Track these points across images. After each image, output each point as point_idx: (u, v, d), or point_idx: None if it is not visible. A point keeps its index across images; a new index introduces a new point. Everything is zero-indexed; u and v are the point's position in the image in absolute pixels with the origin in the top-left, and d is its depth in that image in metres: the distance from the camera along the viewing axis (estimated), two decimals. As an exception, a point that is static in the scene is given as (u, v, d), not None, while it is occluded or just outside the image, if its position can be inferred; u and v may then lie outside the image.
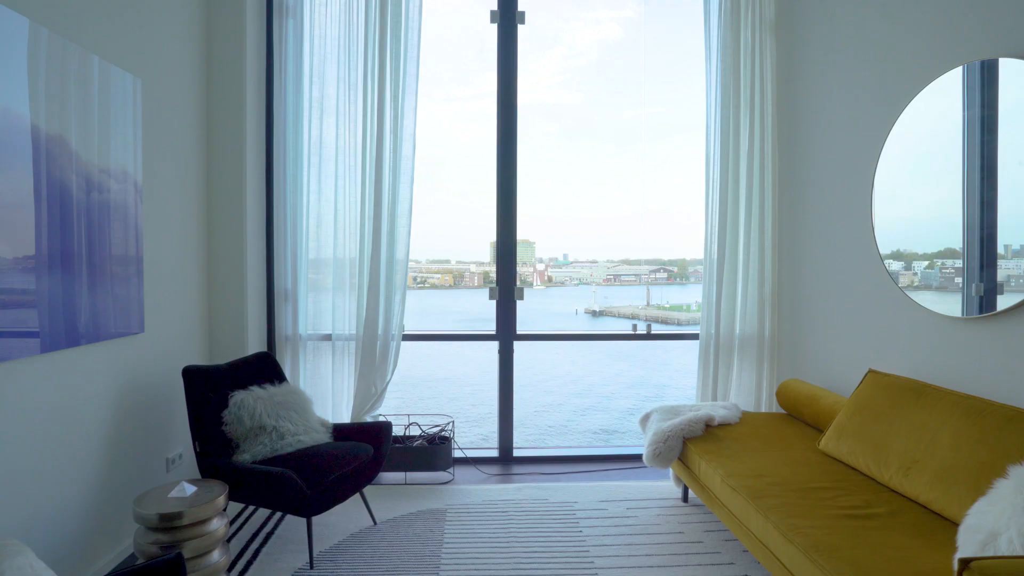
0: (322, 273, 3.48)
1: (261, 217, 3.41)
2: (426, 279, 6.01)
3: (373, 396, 3.38)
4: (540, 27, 3.82)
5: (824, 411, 2.70)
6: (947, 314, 2.30)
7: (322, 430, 2.85)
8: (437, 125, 4.45)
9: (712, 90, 3.56)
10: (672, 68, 3.75)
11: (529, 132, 5.20)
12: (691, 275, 6.50)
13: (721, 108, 3.52)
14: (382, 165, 3.34)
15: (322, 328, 3.51)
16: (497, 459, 3.69)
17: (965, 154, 2.20)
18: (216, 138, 3.18)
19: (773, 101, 3.55)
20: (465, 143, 5.40)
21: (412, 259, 4.54)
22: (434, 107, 3.96)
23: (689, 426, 2.72)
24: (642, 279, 7.31)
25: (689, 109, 3.16)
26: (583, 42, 7.39)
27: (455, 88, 5.71)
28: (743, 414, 3.02)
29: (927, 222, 2.38)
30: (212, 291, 3.22)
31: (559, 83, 7.39)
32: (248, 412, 2.63)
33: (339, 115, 3.43)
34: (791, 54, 3.50)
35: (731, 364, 3.61)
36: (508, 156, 3.64)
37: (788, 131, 3.53)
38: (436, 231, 6.39)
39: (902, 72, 2.59)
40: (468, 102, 4.85)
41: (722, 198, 3.53)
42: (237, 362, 2.88)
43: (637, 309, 8.95)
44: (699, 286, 3.65)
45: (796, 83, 3.46)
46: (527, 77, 4.04)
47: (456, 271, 6.23)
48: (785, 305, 3.56)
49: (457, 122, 5.94)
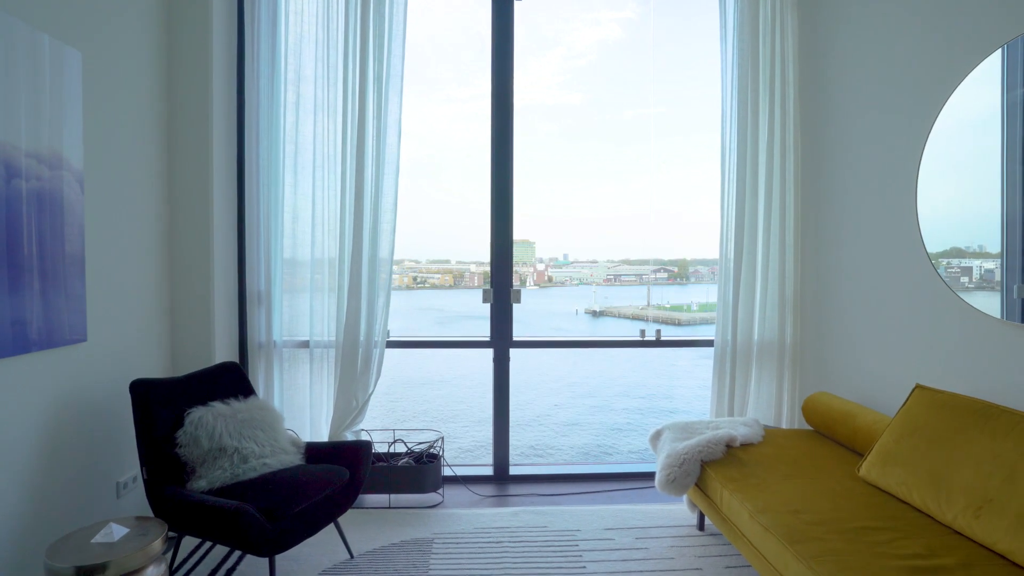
0: (299, 273, 3.16)
1: (231, 211, 3.09)
2: (426, 279, 5.80)
3: (354, 410, 3.06)
4: (540, 28, 3.56)
5: (862, 431, 2.37)
6: (1014, 321, 1.98)
7: (293, 451, 2.52)
8: (437, 125, 4.24)
9: (728, 72, 3.23)
10: (674, 69, 3.60)
11: (529, 133, 4.98)
12: (691, 275, 6.28)
13: (738, 92, 3.20)
14: (364, 155, 3.02)
15: (299, 334, 3.18)
16: (491, 478, 3.37)
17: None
18: (178, 124, 2.86)
19: (795, 84, 3.22)
20: (466, 143, 5.26)
21: (412, 259, 4.16)
22: (435, 108, 3.71)
23: (708, 448, 2.39)
24: (643, 279, 7.06)
25: (692, 109, 2.94)
26: (583, 43, 7.20)
27: (456, 89, 5.55)
28: (766, 431, 2.70)
29: (988, 216, 2.06)
30: (175, 295, 2.89)
31: (559, 84, 7.20)
32: (206, 432, 2.31)
33: (317, 100, 3.11)
34: (816, 31, 3.17)
35: (749, 374, 3.28)
36: (504, 145, 3.32)
37: (812, 118, 3.20)
38: (437, 231, 6.14)
39: (952, 47, 2.27)
40: (469, 103, 4.74)
41: (739, 191, 3.21)
42: (197, 374, 2.56)
43: (638, 309, 8.64)
44: (700, 286, 3.36)
45: (821, 64, 3.13)
46: (528, 78, 3.79)
47: (456, 271, 6.01)
48: (809, 308, 3.24)
49: (458, 122, 5.75)
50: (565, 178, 4.77)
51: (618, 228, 5.07)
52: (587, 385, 10.62)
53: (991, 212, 2.03)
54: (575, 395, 10.10)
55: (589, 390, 10.37)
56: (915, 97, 2.45)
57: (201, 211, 2.88)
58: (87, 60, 2.26)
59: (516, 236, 3.35)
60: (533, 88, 4.00)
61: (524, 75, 3.34)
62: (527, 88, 3.34)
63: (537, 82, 4.13)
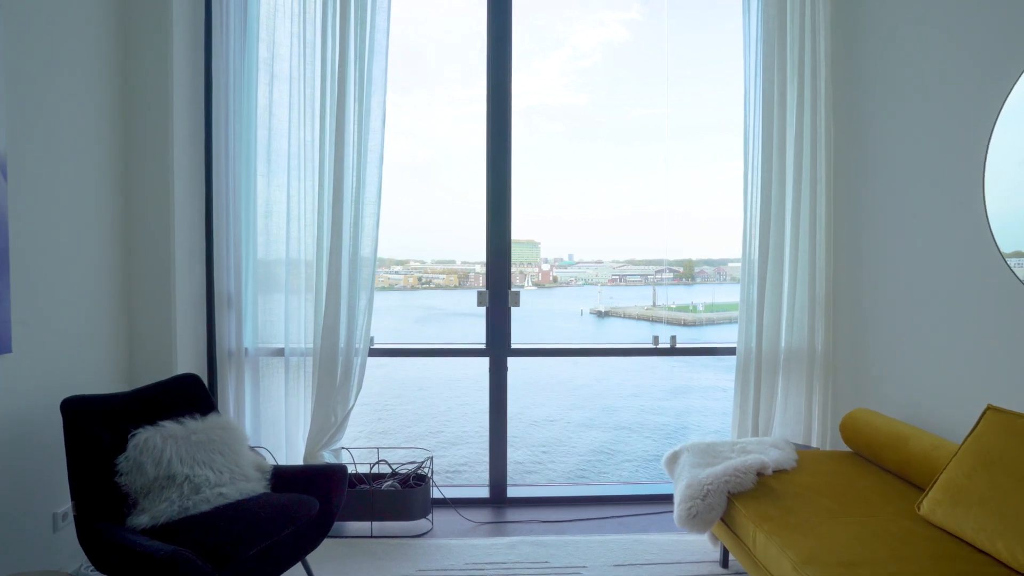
0: (273, 272, 2.84)
1: (197, 203, 2.77)
2: (431, 279, 5.69)
3: (332, 426, 2.73)
4: (545, 29, 3.47)
5: (917, 458, 2.03)
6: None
7: (256, 477, 2.20)
8: (442, 127, 4.07)
9: (751, 48, 2.88)
10: (680, 70, 3.44)
11: (535, 134, 4.80)
12: (697, 275, 6.07)
13: (763, 71, 2.85)
14: (344, 140, 2.70)
15: (273, 340, 2.87)
16: (488, 500, 3.03)
17: None
18: (134, 102, 2.54)
19: (827, 57, 2.87)
20: (470, 144, 5.11)
21: (417, 260, 4.02)
22: (439, 109, 3.52)
23: (736, 477, 2.05)
24: (648, 279, 6.81)
25: (697, 110, 2.80)
26: (588, 44, 6.99)
27: (461, 89, 5.33)
28: (798, 453, 2.36)
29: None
30: (132, 298, 2.58)
31: (564, 85, 6.98)
32: (152, 457, 1.99)
33: (293, 80, 2.79)
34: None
35: (775, 385, 2.94)
36: (501, 142, 2.99)
37: (847, 96, 2.85)
38: (441, 232, 5.96)
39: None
40: (474, 103, 4.60)
41: (764, 181, 2.86)
42: (148, 389, 2.25)
43: (643, 310, 8.35)
44: (706, 286, 3.04)
45: (859, 32, 2.78)
46: (534, 79, 3.61)
47: (461, 271, 5.88)
48: (843, 312, 2.89)
49: (463, 123, 5.56)
50: (570, 178, 4.61)
51: (623, 228, 4.89)
52: (591, 389, 10.28)
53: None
54: (583, 397, 9.76)
55: (595, 393, 10.03)
56: (981, 74, 2.10)
57: (160, 202, 2.56)
58: (9, 22, 1.94)
59: (521, 236, 3.06)
60: (539, 89, 3.92)
61: (530, 76, 3.24)
62: (533, 89, 3.25)
63: (543, 83, 4.02)
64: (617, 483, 3.74)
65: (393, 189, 2.93)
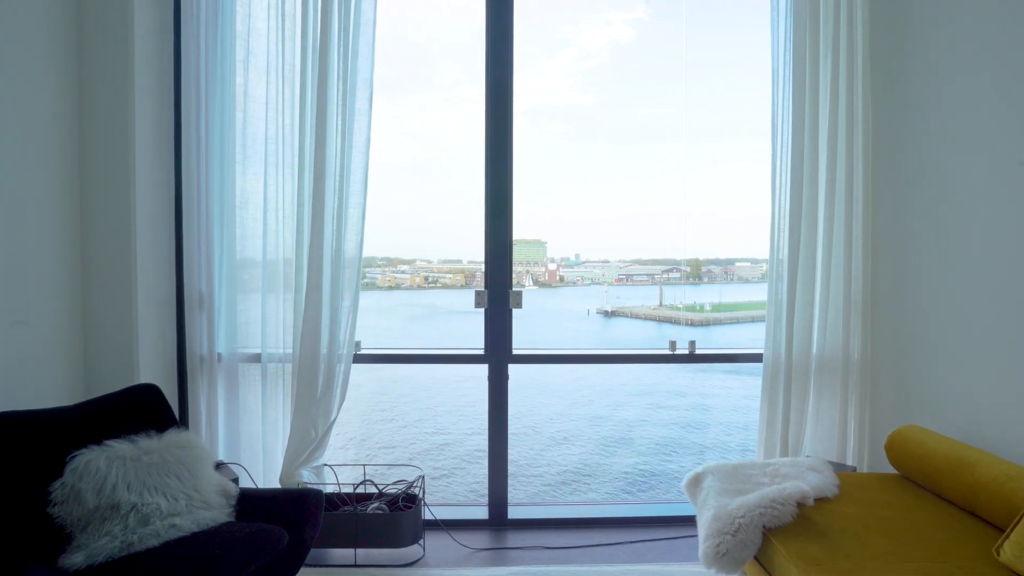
0: (249, 269, 2.58)
1: (164, 192, 2.51)
2: (438, 279, 5.60)
3: (312, 442, 2.46)
4: (550, 29, 3.36)
5: (988, 487, 1.72)
6: None
7: (219, 504, 1.92)
8: (447, 126, 3.93)
9: (779, 24, 2.59)
10: (688, 69, 3.31)
11: (541, 134, 4.65)
12: (704, 275, 5.93)
13: (794, 47, 2.55)
14: (326, 124, 2.42)
15: (249, 344, 2.60)
16: (486, 522, 2.74)
17: None
18: (89, 80, 2.27)
19: (864, 37, 2.56)
20: (476, 144, 4.95)
21: (424, 259, 3.91)
22: (444, 109, 3.37)
23: (772, 509, 1.76)
24: (655, 279, 6.63)
25: (706, 110, 2.68)
26: (594, 43, 6.79)
27: (467, 89, 5.17)
28: (838, 476, 2.06)
29: None
30: (87, 299, 2.31)
31: (570, 84, 6.79)
32: (93, 483, 1.72)
33: (270, 56, 2.51)
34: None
35: (805, 397, 2.64)
36: (501, 137, 2.71)
37: (888, 75, 2.55)
38: (447, 232, 5.78)
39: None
40: (478, 103, 4.48)
41: (795, 170, 2.56)
42: (98, 402, 1.98)
43: (650, 310, 8.10)
44: (713, 286, 2.84)
45: (902, 4, 2.48)
46: (538, 79, 3.46)
47: (468, 271, 5.79)
48: (883, 315, 2.59)
49: (467, 123, 5.43)
50: (575, 177, 4.52)
51: (629, 228, 4.76)
52: (594, 389, 9.97)
53: None
54: (590, 396, 9.46)
55: (600, 392, 9.72)
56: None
57: (119, 190, 2.29)
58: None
59: (527, 236, 2.80)
60: (545, 89, 3.87)
61: (536, 76, 3.23)
62: (539, 89, 3.25)
63: (549, 83, 3.98)
64: (631, 503, 3.44)
65: (398, 189, 2.95)
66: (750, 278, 4.89)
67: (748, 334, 5.71)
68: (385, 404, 8.31)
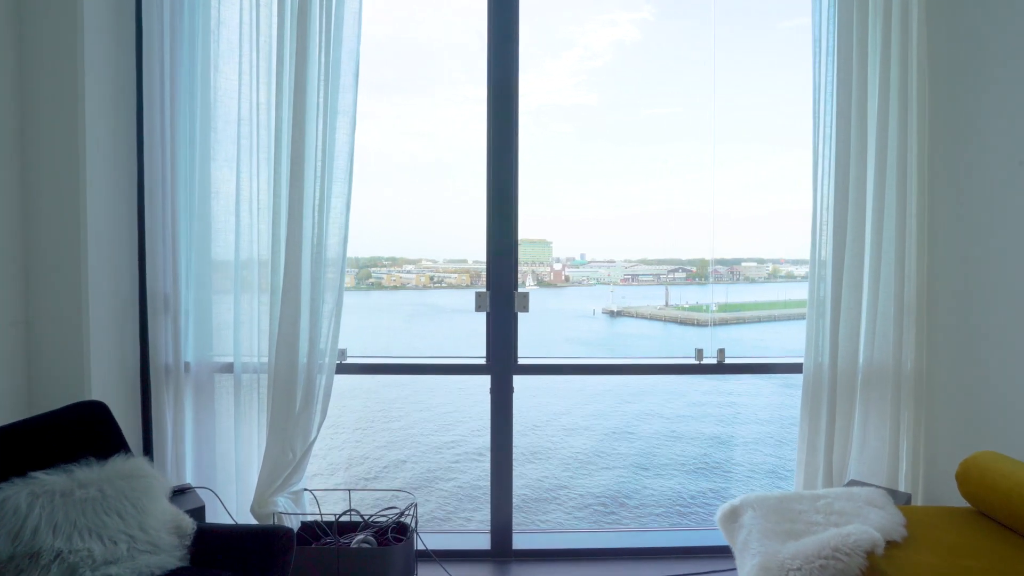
0: (220, 267, 2.28)
1: (125, 178, 2.22)
2: (443, 279, 5.50)
3: (289, 465, 2.15)
4: (555, 29, 3.22)
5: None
6: None
7: (170, 545, 1.62)
8: (453, 126, 3.78)
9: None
10: (694, 69, 3.18)
11: (545, 133, 4.49)
12: (710, 275, 5.82)
13: (839, 28, 2.23)
14: (305, 101, 2.12)
15: (221, 352, 2.30)
16: (488, 553, 2.44)
17: None
18: (30, 46, 1.97)
19: (920, 17, 2.25)
20: (482, 144, 4.78)
21: (429, 259, 3.99)
22: (448, 109, 3.23)
23: (835, 561, 1.44)
24: (661, 279, 6.49)
25: (710, 110, 2.54)
26: (599, 43, 6.60)
27: (471, 89, 5.00)
28: (901, 511, 1.74)
29: None
30: (29, 300, 2.01)
31: (575, 84, 6.60)
32: (9, 527, 1.42)
33: (244, 24, 2.21)
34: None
35: (851, 413, 2.32)
36: (506, 134, 2.40)
37: (948, 44, 2.22)
38: (452, 232, 5.58)
39: None
40: (483, 103, 4.32)
41: (839, 157, 2.25)
42: (30, 424, 1.68)
43: (656, 309, 7.91)
44: (720, 286, 2.70)
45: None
46: (543, 79, 3.31)
47: (473, 271, 5.69)
48: (942, 322, 2.26)
49: (472, 123, 5.24)
50: (581, 177, 4.41)
51: (635, 228, 4.65)
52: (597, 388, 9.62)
53: None
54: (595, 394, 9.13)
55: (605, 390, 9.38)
56: None
57: (65, 175, 2.00)
58: None
59: (532, 235, 2.56)
60: (551, 89, 3.79)
61: (541, 76, 3.17)
62: (544, 89, 3.24)
63: (554, 83, 3.89)
64: (655, 530, 3.12)
65: (402, 189, 3.03)
66: (756, 278, 4.71)
67: (754, 335, 5.39)
68: (382, 410, 7.99)
